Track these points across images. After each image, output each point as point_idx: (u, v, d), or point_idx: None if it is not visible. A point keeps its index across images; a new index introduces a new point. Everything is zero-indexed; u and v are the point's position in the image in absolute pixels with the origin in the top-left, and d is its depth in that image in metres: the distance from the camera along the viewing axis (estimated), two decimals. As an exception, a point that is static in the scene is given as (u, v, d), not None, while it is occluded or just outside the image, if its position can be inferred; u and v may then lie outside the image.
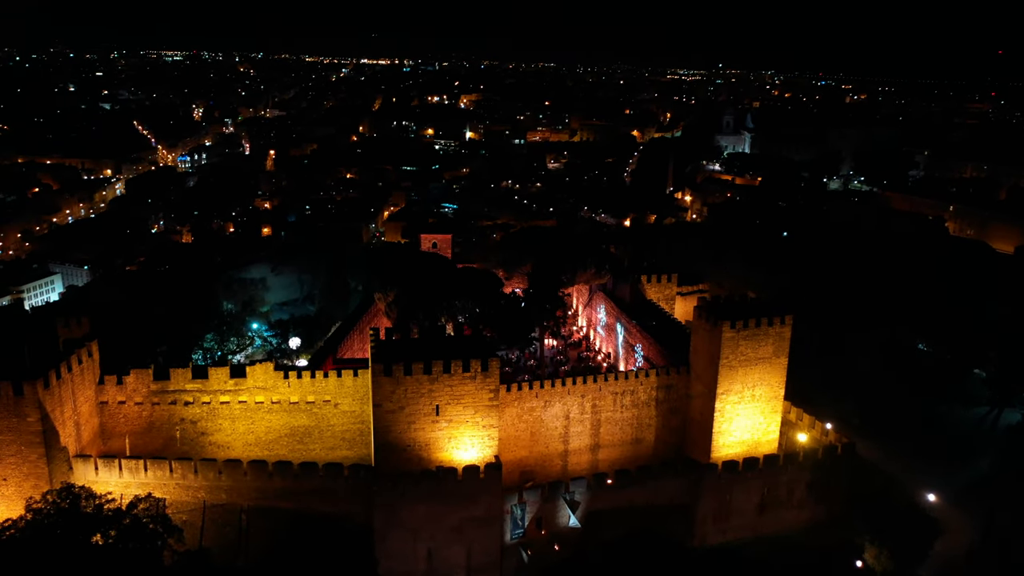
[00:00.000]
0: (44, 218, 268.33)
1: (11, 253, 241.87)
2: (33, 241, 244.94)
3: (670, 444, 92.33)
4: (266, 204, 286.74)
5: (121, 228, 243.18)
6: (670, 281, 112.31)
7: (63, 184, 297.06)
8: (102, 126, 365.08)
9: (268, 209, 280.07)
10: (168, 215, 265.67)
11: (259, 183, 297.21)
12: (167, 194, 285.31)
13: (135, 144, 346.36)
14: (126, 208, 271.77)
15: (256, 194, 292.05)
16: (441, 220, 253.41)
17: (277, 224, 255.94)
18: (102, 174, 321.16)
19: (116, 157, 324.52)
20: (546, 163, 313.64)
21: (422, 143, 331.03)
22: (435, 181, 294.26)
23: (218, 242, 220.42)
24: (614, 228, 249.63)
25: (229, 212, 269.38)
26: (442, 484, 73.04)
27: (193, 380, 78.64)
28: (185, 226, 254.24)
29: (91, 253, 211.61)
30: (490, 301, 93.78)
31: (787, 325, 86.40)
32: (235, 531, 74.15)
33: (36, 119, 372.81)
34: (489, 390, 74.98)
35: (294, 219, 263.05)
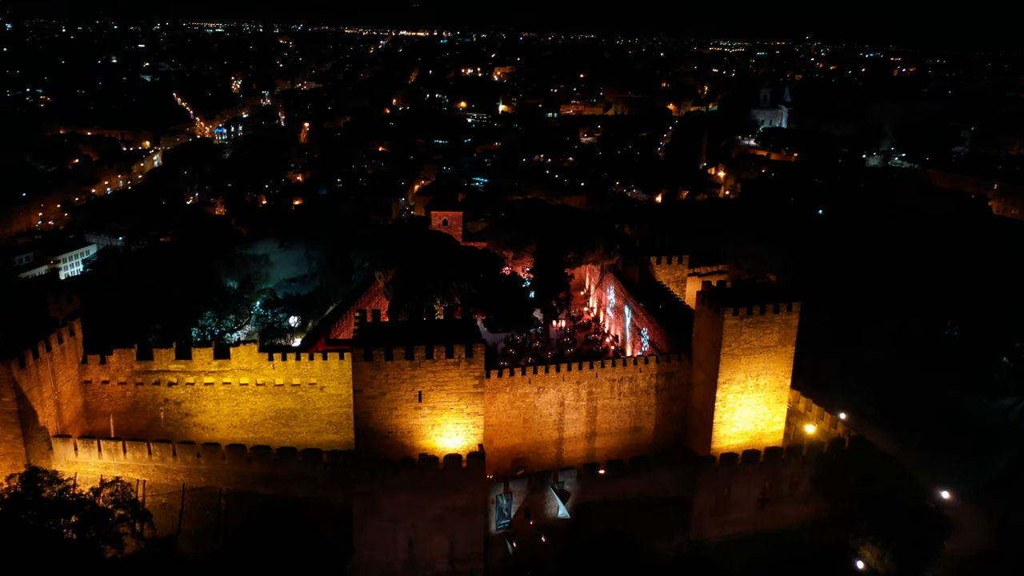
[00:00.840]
0: (83, 189, 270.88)
1: (51, 223, 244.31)
2: (72, 211, 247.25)
3: (671, 433, 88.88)
4: (298, 177, 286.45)
5: (157, 199, 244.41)
6: (680, 263, 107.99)
7: (102, 155, 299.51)
8: (142, 98, 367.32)
9: (300, 182, 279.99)
10: (202, 187, 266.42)
11: (291, 156, 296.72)
12: (202, 166, 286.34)
13: (174, 116, 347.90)
14: (162, 179, 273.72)
15: (289, 167, 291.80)
16: (471, 194, 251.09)
17: (308, 197, 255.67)
18: (141, 146, 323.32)
19: (155, 129, 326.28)
20: (579, 137, 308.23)
21: (454, 116, 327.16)
22: (467, 155, 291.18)
23: (250, 214, 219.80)
24: (645, 204, 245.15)
25: (262, 184, 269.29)
26: (423, 473, 70.49)
27: (177, 361, 76.98)
28: (219, 198, 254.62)
29: (127, 224, 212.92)
30: (487, 283, 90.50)
31: (794, 312, 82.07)
32: (214, 515, 72.58)
33: (79, 91, 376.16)
34: (473, 377, 72.15)
35: (325, 192, 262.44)
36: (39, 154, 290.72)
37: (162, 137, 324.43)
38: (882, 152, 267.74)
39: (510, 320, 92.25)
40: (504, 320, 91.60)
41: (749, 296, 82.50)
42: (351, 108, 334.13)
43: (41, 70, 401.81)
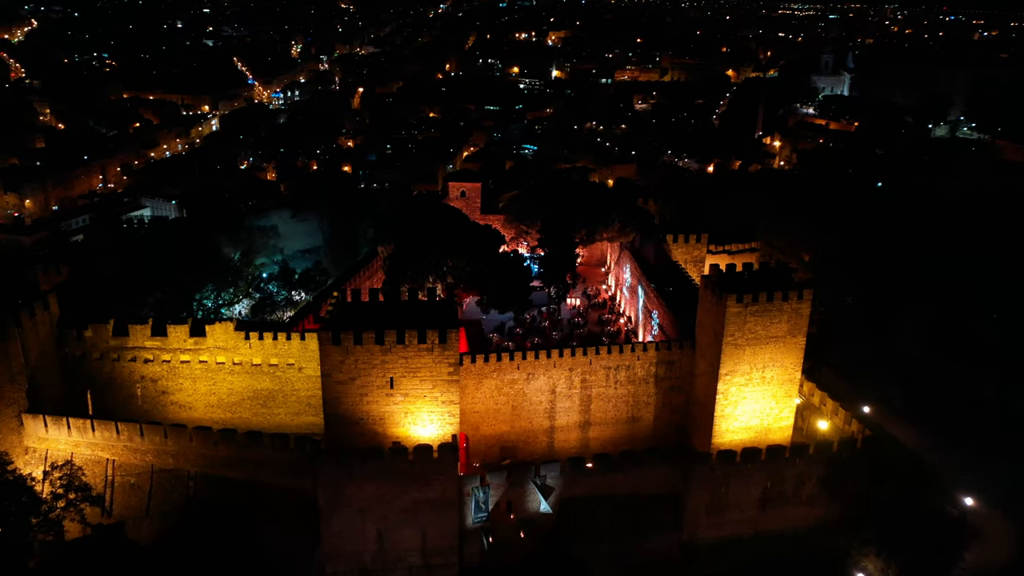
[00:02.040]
0: (143, 152, 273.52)
1: (110, 186, 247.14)
2: (131, 175, 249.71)
3: (672, 424, 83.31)
4: (349, 143, 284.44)
5: (211, 164, 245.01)
6: (699, 241, 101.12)
7: (163, 119, 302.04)
8: (203, 62, 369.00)
9: (351, 147, 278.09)
10: (256, 152, 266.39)
11: (343, 121, 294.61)
12: (257, 131, 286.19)
13: (233, 80, 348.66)
14: (218, 144, 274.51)
15: (340, 132, 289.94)
16: (519, 162, 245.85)
17: (357, 163, 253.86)
18: (200, 110, 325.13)
19: (213, 93, 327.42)
20: (633, 104, 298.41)
21: (507, 82, 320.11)
22: (517, 121, 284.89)
23: (302, 180, 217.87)
24: (695, 174, 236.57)
25: (313, 150, 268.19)
26: (391, 464, 66.56)
27: (152, 337, 74.38)
28: (270, 163, 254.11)
29: (181, 188, 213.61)
30: (482, 261, 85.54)
31: (805, 301, 75.19)
32: (183, 498, 70.13)
33: (143, 55, 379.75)
34: (448, 364, 67.73)
35: (375, 158, 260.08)
36: (102, 118, 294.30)
37: (221, 102, 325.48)
38: (950, 122, 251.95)
39: (505, 301, 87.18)
40: (498, 301, 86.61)
41: (758, 282, 75.98)
42: (404, 73, 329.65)
43: (109, 35, 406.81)
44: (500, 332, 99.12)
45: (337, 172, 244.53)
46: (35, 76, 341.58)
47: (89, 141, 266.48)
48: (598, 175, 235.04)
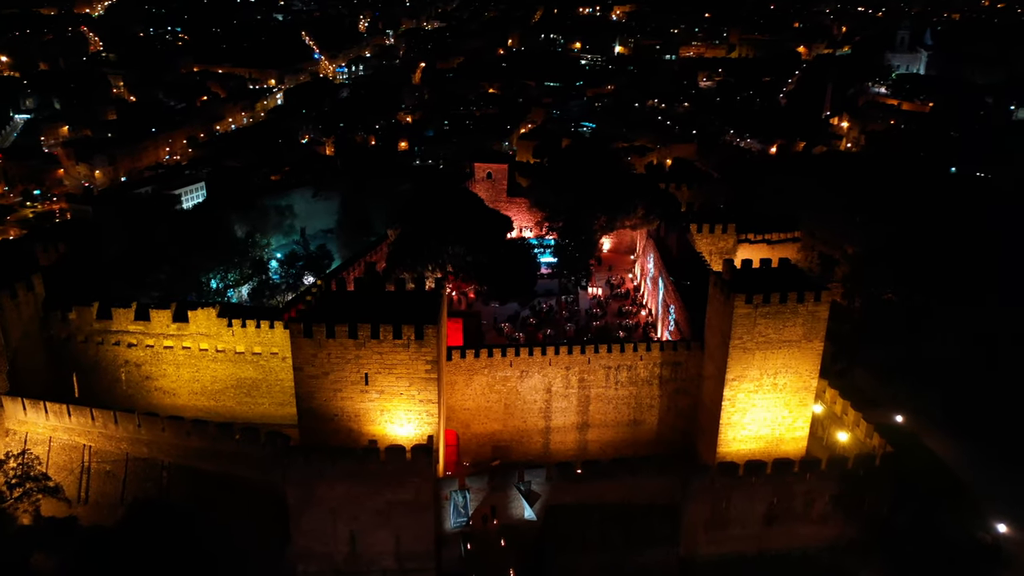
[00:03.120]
0: (209, 125, 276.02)
1: (176, 158, 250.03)
2: (196, 147, 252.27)
3: (678, 429, 77.53)
4: (408, 118, 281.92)
5: (273, 138, 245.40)
6: (725, 232, 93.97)
7: (229, 93, 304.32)
8: (272, 36, 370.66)
9: (409, 123, 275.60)
10: (316, 126, 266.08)
11: (402, 96, 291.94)
12: (320, 105, 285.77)
13: (300, 55, 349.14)
14: (281, 118, 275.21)
15: (399, 107, 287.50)
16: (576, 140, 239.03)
17: (414, 139, 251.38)
18: (266, 84, 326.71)
19: (280, 67, 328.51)
20: (697, 81, 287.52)
21: (568, 57, 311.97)
22: (577, 98, 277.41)
23: (359, 155, 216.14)
24: (757, 155, 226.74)
25: (372, 125, 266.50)
26: (362, 464, 62.75)
27: (136, 321, 72.10)
28: (330, 138, 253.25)
29: (241, 161, 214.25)
30: (486, 249, 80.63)
31: (823, 304, 68.25)
32: (156, 488, 67.84)
33: (214, 29, 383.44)
34: (425, 361, 63.33)
35: (432, 134, 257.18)
36: (171, 91, 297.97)
37: (286, 76, 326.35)
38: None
39: (505, 293, 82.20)
40: (498, 292, 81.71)
41: (772, 281, 69.39)
42: (466, 48, 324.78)
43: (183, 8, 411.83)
44: (513, 322, 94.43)
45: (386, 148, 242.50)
46: (112, 49, 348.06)
47: (158, 114, 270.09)
48: (656, 154, 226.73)
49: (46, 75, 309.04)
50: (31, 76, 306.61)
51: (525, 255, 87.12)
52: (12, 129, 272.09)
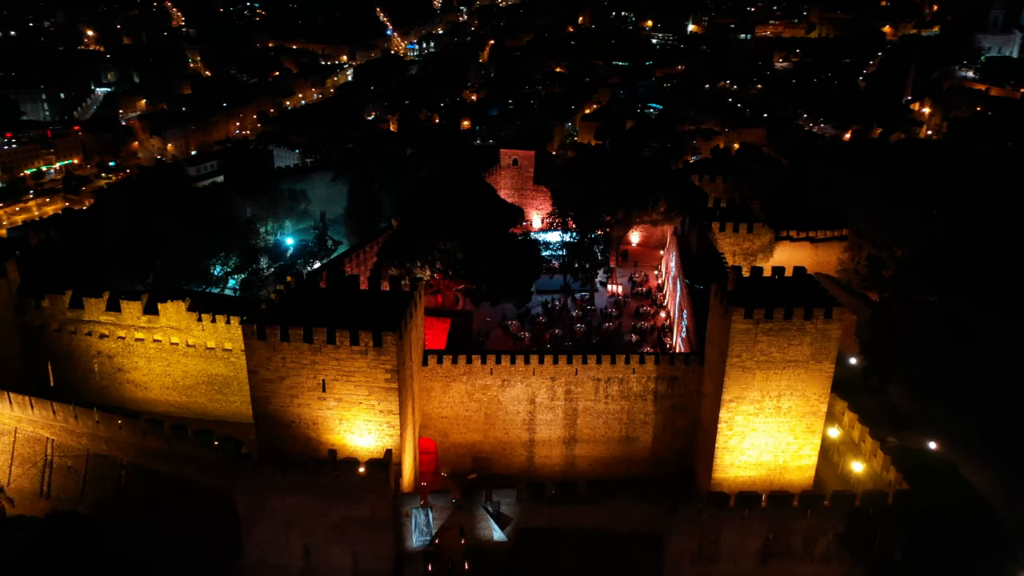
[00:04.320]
0: (279, 101, 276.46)
1: (246, 133, 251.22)
2: (265, 123, 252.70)
3: (675, 449, 70.64)
4: (473, 96, 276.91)
5: (340, 114, 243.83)
6: (751, 232, 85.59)
7: (301, 69, 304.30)
8: (347, 12, 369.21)
9: (473, 101, 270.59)
10: (382, 104, 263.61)
11: (469, 74, 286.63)
12: (388, 82, 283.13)
13: (373, 31, 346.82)
14: (350, 95, 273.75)
15: (465, 85, 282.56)
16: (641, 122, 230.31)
17: (477, 118, 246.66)
18: (338, 60, 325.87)
19: (352, 43, 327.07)
20: (773, 62, 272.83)
21: (639, 36, 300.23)
22: (645, 78, 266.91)
23: (421, 133, 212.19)
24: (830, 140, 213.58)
25: (438, 103, 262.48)
26: (314, 477, 58.40)
27: (107, 312, 69.07)
28: (394, 115, 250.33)
29: (307, 137, 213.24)
30: (479, 246, 74.76)
31: (834, 321, 60.37)
32: (114, 487, 64.93)
33: (291, 4, 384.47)
34: (384, 370, 58.25)
35: (496, 113, 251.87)
36: (244, 65, 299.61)
37: (358, 52, 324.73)
38: None
39: (496, 294, 76.20)
40: (488, 294, 75.77)
41: (780, 293, 61.85)
42: (536, 26, 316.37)
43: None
44: (522, 320, 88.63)
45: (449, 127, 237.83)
46: (193, 24, 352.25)
47: (230, 88, 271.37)
48: (723, 138, 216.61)
49: (128, 49, 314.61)
50: (114, 50, 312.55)
51: (525, 253, 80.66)
52: (93, 102, 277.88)
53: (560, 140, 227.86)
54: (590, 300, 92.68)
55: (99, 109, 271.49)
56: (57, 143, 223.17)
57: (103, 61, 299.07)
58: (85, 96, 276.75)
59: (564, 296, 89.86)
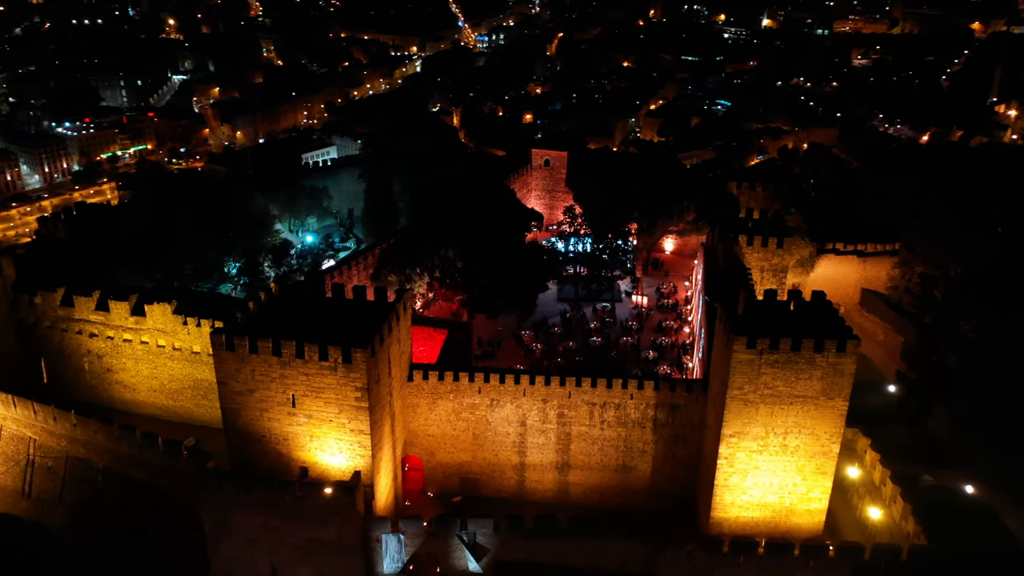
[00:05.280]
0: (347, 91, 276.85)
1: (313, 122, 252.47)
2: (332, 112, 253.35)
3: (676, 480, 65.23)
4: (537, 89, 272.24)
5: (405, 105, 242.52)
6: (781, 247, 78.92)
7: (371, 59, 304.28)
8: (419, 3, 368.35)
9: (537, 95, 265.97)
10: (446, 95, 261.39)
11: (535, 67, 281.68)
12: (455, 74, 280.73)
13: (444, 22, 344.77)
14: (417, 86, 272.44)
15: (531, 78, 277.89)
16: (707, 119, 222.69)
17: (539, 112, 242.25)
18: (408, 51, 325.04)
19: (423, 34, 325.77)
20: (850, 59, 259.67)
21: (710, 30, 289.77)
22: (714, 74, 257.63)
23: (484, 127, 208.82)
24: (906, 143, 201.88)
25: (502, 96, 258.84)
26: (279, 496, 55.39)
27: (96, 311, 67.47)
28: (458, 108, 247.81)
29: (371, 128, 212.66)
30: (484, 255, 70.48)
31: (847, 355, 54.31)
32: (91, 491, 63.29)
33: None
34: (355, 387, 54.78)
35: (559, 107, 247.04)
36: (315, 55, 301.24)
37: (428, 43, 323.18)
38: None
39: (495, 306, 71.72)
40: (487, 305, 71.37)
41: (791, 321, 56.02)
42: (606, 19, 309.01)
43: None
44: (538, 329, 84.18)
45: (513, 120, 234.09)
46: (269, 14, 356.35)
47: (300, 78, 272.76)
48: (792, 138, 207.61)
49: (206, 38, 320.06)
50: (192, 39, 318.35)
51: (533, 262, 75.80)
52: (169, 89, 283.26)
53: (622, 136, 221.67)
54: (611, 311, 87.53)
55: (174, 96, 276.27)
56: (132, 129, 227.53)
57: (181, 50, 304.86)
58: (162, 83, 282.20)
59: (575, 308, 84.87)
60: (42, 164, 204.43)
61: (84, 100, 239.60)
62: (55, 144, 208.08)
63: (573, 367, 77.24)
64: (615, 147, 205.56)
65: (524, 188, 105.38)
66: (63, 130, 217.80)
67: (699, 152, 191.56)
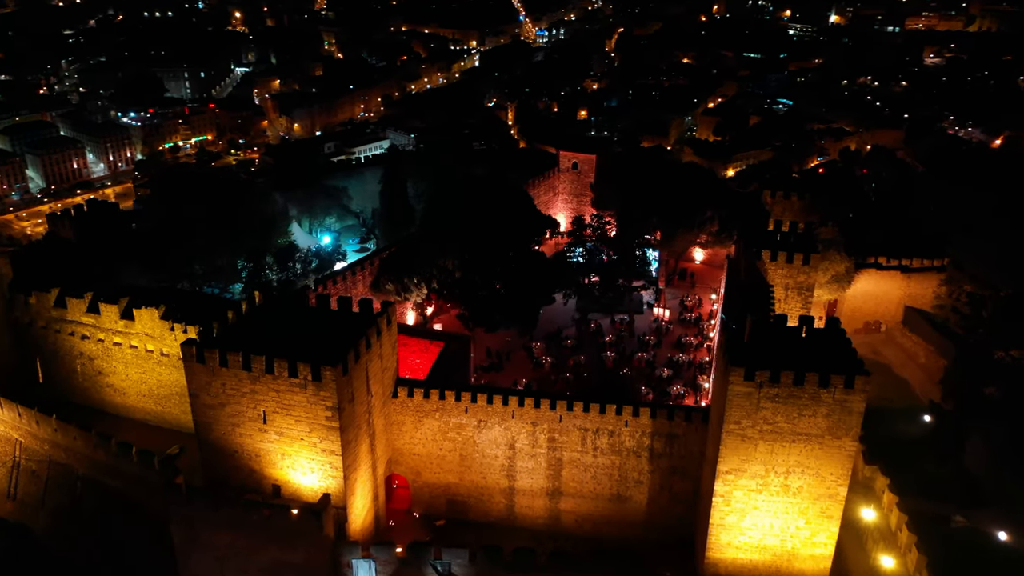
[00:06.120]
0: (404, 84, 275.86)
1: (370, 115, 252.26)
2: (389, 105, 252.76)
3: (675, 515, 60.73)
4: (594, 85, 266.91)
5: (460, 100, 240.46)
6: (807, 264, 73.09)
7: (430, 53, 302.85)
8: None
9: (593, 91, 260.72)
10: (502, 90, 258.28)
11: (592, 63, 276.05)
12: (513, 69, 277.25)
13: (505, 16, 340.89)
14: (474, 80, 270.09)
15: (587, 74, 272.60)
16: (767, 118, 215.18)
17: (594, 108, 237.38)
18: (468, 45, 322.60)
19: (482, 29, 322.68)
20: (922, 57, 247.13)
21: (775, 27, 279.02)
22: (777, 72, 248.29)
23: (538, 123, 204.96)
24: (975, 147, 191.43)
25: (558, 91, 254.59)
26: (246, 515, 52.95)
27: (88, 313, 66.15)
28: (513, 103, 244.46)
29: (426, 122, 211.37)
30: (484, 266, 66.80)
31: (856, 392, 49.03)
32: (70, 497, 62.00)
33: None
34: (325, 406, 51.93)
35: (615, 104, 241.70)
36: (375, 49, 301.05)
37: (487, 37, 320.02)
38: None
39: (493, 321, 67.85)
40: (481, 319, 67.57)
41: (802, 351, 51.20)
42: (667, 14, 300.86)
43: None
44: (551, 341, 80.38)
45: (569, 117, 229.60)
46: (332, 7, 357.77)
47: (359, 71, 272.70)
48: (856, 139, 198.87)
49: (269, 31, 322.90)
50: (257, 32, 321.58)
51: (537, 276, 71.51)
52: (231, 81, 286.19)
53: (677, 135, 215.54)
54: (629, 323, 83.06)
55: (236, 88, 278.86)
56: (193, 119, 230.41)
57: (245, 42, 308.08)
58: (224, 75, 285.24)
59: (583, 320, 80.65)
60: (107, 153, 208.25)
61: (150, 91, 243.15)
62: (120, 133, 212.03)
63: (580, 383, 73.42)
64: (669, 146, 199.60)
65: (551, 191, 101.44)
66: (128, 120, 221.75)
67: (756, 152, 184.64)
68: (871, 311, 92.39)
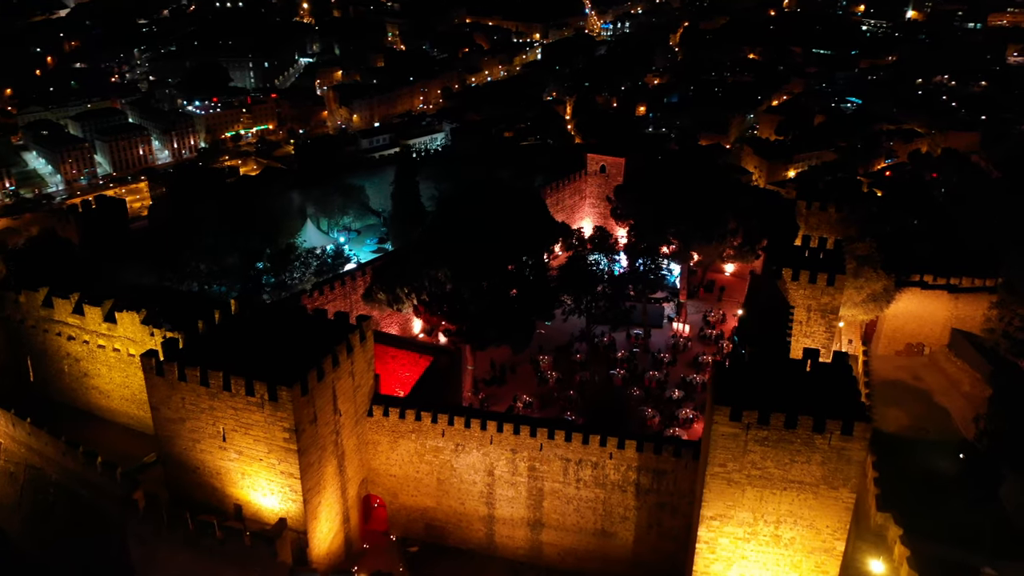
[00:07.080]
0: (465, 77, 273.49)
1: (429, 107, 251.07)
2: (448, 98, 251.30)
3: (663, 553, 55.83)
4: (655, 80, 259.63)
5: (518, 93, 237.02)
6: (831, 285, 66.61)
7: (492, 46, 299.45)
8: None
9: (654, 86, 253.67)
10: (561, 84, 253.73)
11: (654, 57, 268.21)
12: (574, 62, 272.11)
13: (570, 9, 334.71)
14: (533, 73, 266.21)
15: (649, 69, 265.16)
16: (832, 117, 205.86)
17: (653, 104, 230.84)
18: (531, 38, 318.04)
19: (546, 21, 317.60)
20: (1005, 55, 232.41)
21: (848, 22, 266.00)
22: (847, 69, 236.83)
23: (595, 118, 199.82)
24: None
25: (619, 86, 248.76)
26: (200, 537, 50.37)
27: (73, 314, 64.63)
28: (571, 97, 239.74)
29: (483, 115, 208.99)
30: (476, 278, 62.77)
31: (856, 439, 43.57)
32: (44, 503, 60.59)
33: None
34: (282, 428, 48.86)
35: (676, 99, 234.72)
36: (437, 40, 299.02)
37: (551, 30, 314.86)
38: None
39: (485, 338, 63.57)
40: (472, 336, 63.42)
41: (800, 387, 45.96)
42: (735, 7, 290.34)
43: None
44: (561, 353, 76.17)
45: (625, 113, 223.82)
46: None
47: (420, 63, 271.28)
48: (927, 141, 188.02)
49: (335, 22, 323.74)
50: (323, 23, 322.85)
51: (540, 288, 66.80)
52: (295, 71, 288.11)
53: (737, 133, 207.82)
54: (645, 338, 78.07)
55: (299, 79, 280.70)
56: (255, 109, 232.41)
57: (311, 33, 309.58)
58: (288, 65, 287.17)
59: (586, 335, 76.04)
60: (172, 140, 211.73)
61: (215, 80, 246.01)
62: (185, 122, 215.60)
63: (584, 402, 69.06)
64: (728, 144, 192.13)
65: (577, 195, 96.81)
66: (193, 108, 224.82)
67: (819, 153, 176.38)
68: (914, 332, 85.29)
